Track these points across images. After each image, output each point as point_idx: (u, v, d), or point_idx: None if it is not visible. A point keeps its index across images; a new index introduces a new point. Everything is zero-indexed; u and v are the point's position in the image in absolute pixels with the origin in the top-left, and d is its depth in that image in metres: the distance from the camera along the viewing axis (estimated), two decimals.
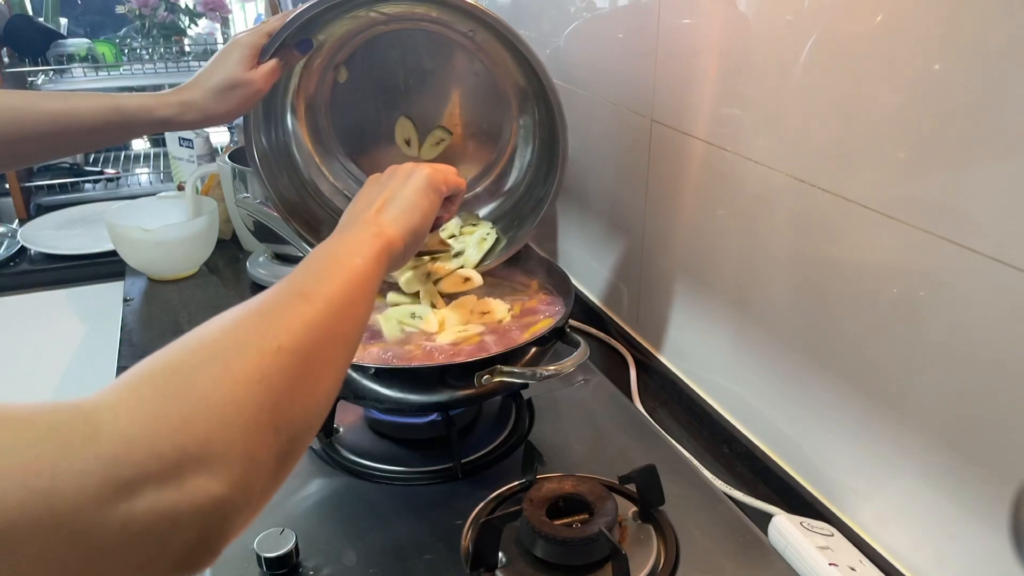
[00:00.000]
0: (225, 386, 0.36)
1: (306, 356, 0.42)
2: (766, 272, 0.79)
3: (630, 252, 1.06)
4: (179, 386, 0.35)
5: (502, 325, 0.83)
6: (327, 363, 0.45)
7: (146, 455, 0.32)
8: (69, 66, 1.71)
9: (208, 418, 0.35)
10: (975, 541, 0.60)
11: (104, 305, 1.42)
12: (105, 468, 0.31)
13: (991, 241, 0.55)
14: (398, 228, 0.59)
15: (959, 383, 0.59)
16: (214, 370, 0.37)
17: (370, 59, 0.91)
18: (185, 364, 0.37)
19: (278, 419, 0.39)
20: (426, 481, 0.79)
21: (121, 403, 0.33)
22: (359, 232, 0.57)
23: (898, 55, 0.60)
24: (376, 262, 0.54)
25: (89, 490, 0.30)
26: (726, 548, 0.70)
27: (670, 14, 0.88)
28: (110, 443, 0.31)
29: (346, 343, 0.48)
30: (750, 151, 0.78)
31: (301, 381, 0.41)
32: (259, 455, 0.37)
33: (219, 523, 0.34)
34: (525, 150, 0.94)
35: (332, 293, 0.47)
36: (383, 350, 0.79)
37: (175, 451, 0.33)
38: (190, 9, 1.84)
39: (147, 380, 0.35)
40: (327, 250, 0.53)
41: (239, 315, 0.42)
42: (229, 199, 1.33)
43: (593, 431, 0.88)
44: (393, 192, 0.62)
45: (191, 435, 0.34)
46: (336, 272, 0.49)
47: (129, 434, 0.32)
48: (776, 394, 0.81)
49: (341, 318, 0.47)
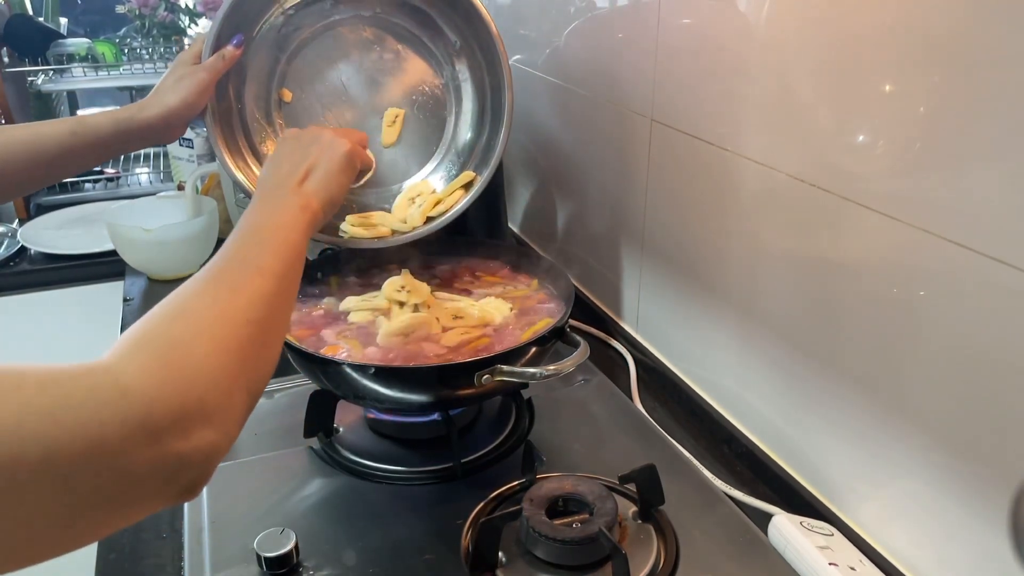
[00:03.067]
0: (214, 357, 0.46)
1: (266, 325, 0.52)
2: (766, 272, 0.79)
3: (630, 252, 1.06)
4: (180, 357, 0.44)
5: (502, 325, 0.83)
6: (278, 328, 0.55)
7: (162, 413, 0.41)
8: (69, 66, 1.71)
9: (204, 383, 0.44)
10: (975, 541, 0.60)
11: (104, 305, 1.42)
12: (137, 423, 0.39)
13: (991, 241, 0.55)
14: (320, 201, 0.66)
15: (959, 383, 0.59)
16: (204, 343, 0.46)
17: (305, 73, 0.92)
18: (183, 337, 0.45)
19: (248, 380, 0.48)
20: (426, 481, 0.79)
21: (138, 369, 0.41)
22: (289, 204, 0.63)
23: (898, 54, 0.60)
24: (306, 236, 0.62)
25: (128, 439, 0.39)
26: (726, 548, 0.70)
27: (670, 14, 0.88)
28: (138, 403, 0.40)
29: (288, 308, 0.58)
30: (750, 151, 0.78)
31: (262, 347, 0.51)
32: (236, 408, 0.47)
33: (212, 461, 0.44)
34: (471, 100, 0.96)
35: (279, 268, 0.55)
36: (383, 350, 0.79)
37: (182, 409, 0.42)
38: (190, 9, 1.84)
39: (154, 349, 0.43)
40: (265, 221, 0.60)
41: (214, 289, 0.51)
42: (229, 199, 1.34)
43: (593, 431, 0.88)
44: (316, 161, 0.68)
45: (192, 397, 0.43)
46: (279, 247, 0.57)
47: (149, 396, 0.40)
48: (776, 394, 0.81)
49: (285, 288, 0.56)
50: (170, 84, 0.81)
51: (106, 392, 0.39)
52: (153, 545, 0.74)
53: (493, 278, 0.95)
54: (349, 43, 0.93)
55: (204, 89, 0.81)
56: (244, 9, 0.85)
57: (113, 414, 0.38)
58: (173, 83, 0.81)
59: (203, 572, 0.68)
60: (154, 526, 0.76)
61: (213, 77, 0.82)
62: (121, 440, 0.38)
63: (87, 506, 0.38)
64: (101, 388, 0.39)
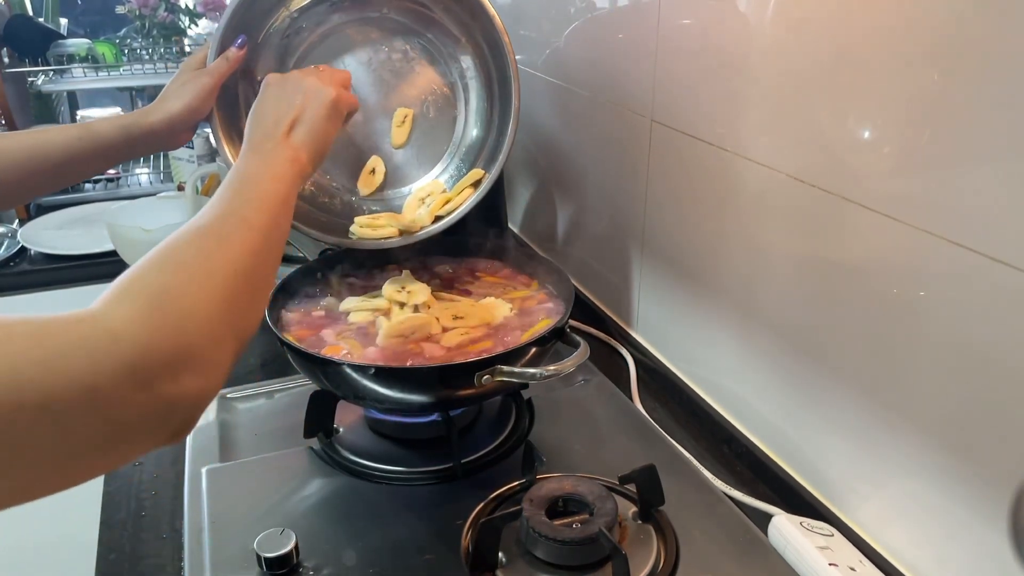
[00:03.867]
0: (203, 305, 0.47)
1: (253, 276, 0.53)
2: (765, 272, 0.79)
3: (630, 252, 1.06)
4: (171, 303, 0.45)
5: (502, 325, 0.83)
6: (264, 280, 0.57)
7: (154, 359, 0.42)
8: (69, 66, 1.71)
9: (193, 330, 0.46)
10: (975, 541, 0.60)
11: None
12: (127, 369, 0.41)
13: (991, 241, 0.55)
14: (308, 152, 0.67)
15: (959, 383, 0.59)
16: (194, 291, 0.47)
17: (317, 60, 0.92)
18: (173, 285, 0.47)
19: (236, 328, 0.50)
20: (426, 481, 0.79)
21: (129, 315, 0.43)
22: (277, 157, 0.64)
23: (899, 54, 0.60)
24: (293, 187, 0.63)
25: (119, 384, 0.40)
26: (726, 548, 0.70)
27: (670, 14, 0.88)
28: (129, 349, 0.41)
29: (276, 257, 0.59)
30: (750, 151, 0.78)
31: (249, 297, 0.53)
32: (224, 356, 0.49)
33: (199, 405, 0.46)
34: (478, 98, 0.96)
35: (266, 221, 0.57)
36: (384, 350, 0.79)
37: (172, 355, 0.44)
38: (190, 9, 1.84)
39: (145, 297, 0.45)
40: (253, 173, 0.61)
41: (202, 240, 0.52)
42: None
43: (593, 431, 0.88)
44: (301, 111, 0.68)
45: (182, 344, 0.45)
46: (267, 200, 0.59)
47: (140, 342, 0.42)
48: (776, 393, 0.81)
49: (272, 241, 0.58)
50: (174, 89, 0.81)
51: (98, 339, 0.40)
52: (153, 545, 0.74)
53: (493, 278, 0.95)
54: (356, 45, 0.93)
55: (208, 93, 0.81)
56: (249, 13, 0.85)
57: (105, 360, 0.40)
58: (177, 88, 0.81)
59: (203, 572, 0.68)
60: (154, 526, 0.76)
61: (217, 81, 0.82)
62: (114, 385, 0.40)
63: (83, 447, 0.39)
64: (93, 336, 0.40)
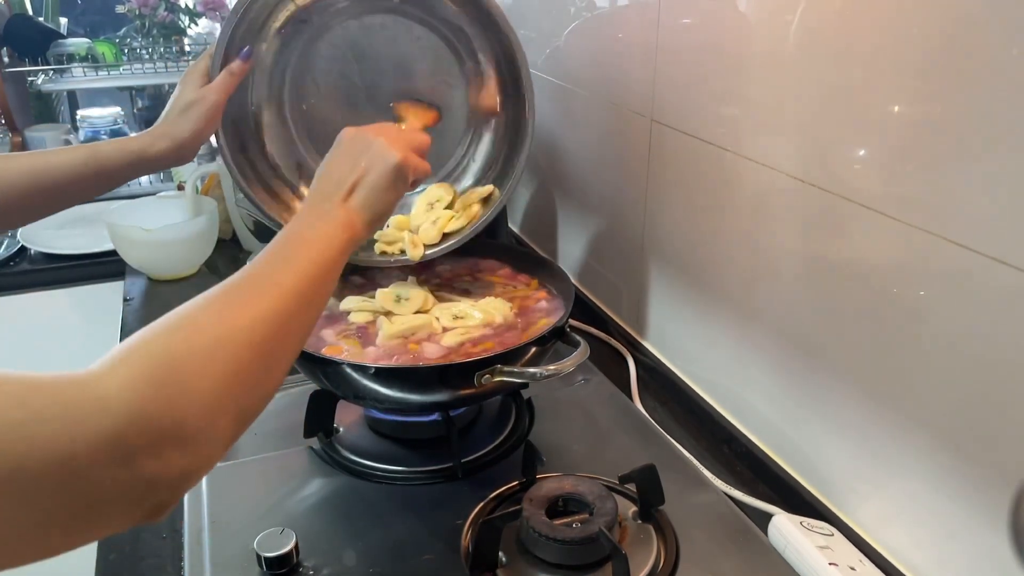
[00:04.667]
0: (206, 378, 0.43)
1: (271, 350, 0.49)
2: (766, 272, 0.79)
3: (630, 252, 1.06)
4: (171, 372, 0.42)
5: (502, 325, 0.83)
6: (285, 352, 0.51)
7: (139, 433, 0.39)
8: (69, 66, 1.71)
9: (189, 404, 0.42)
10: (975, 541, 0.60)
11: (104, 305, 1.42)
12: (110, 441, 0.38)
13: (991, 241, 0.55)
14: (364, 218, 0.63)
15: (959, 383, 0.59)
16: (198, 361, 0.43)
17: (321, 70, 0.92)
18: (178, 352, 0.43)
19: (242, 405, 0.46)
20: (426, 481, 0.79)
21: (123, 382, 0.40)
22: (330, 218, 0.61)
23: (899, 54, 0.60)
24: (342, 253, 0.59)
25: (98, 457, 0.38)
26: (726, 548, 0.70)
27: (670, 14, 0.88)
28: (114, 420, 0.38)
29: (305, 329, 0.54)
30: (750, 151, 0.78)
31: (262, 374, 0.48)
32: (221, 435, 0.44)
33: (182, 486, 0.43)
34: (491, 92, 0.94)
35: (301, 285, 0.52)
36: (384, 350, 0.79)
37: (160, 431, 0.40)
38: (190, 9, 1.84)
39: (145, 362, 0.41)
40: (299, 234, 0.58)
41: (223, 303, 0.48)
42: (229, 199, 1.34)
43: (593, 431, 0.88)
44: (364, 173, 0.64)
45: (174, 418, 0.41)
46: (308, 264, 0.55)
47: (129, 412, 0.39)
48: (776, 393, 0.81)
49: (306, 308, 0.53)
50: (180, 110, 0.79)
51: (84, 407, 0.38)
52: (153, 545, 0.74)
53: (493, 278, 0.95)
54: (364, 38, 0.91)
55: (215, 114, 0.80)
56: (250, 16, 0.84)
57: (86, 431, 0.37)
58: (183, 110, 0.79)
59: (203, 572, 0.68)
60: (154, 526, 0.76)
61: (223, 99, 0.80)
62: (90, 459, 0.37)
63: (52, 521, 0.37)
64: (80, 402, 0.38)
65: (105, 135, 1.92)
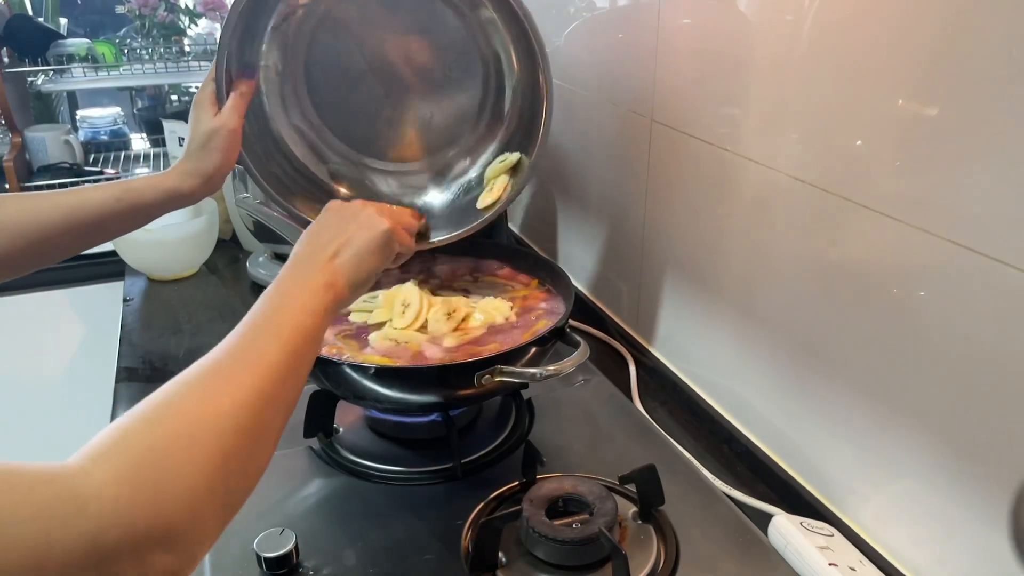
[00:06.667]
0: (193, 470, 0.41)
1: (258, 432, 0.46)
2: (766, 272, 0.79)
3: (630, 252, 1.06)
4: (152, 468, 0.40)
5: (502, 325, 0.83)
6: (271, 429, 0.48)
7: (120, 535, 0.37)
8: (69, 66, 1.71)
9: (173, 502, 0.40)
10: (975, 541, 0.60)
11: (104, 305, 1.42)
12: (88, 543, 0.36)
13: (991, 241, 0.55)
14: (347, 279, 0.61)
15: (959, 383, 0.59)
16: (184, 453, 0.41)
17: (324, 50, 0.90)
18: (159, 445, 0.41)
19: (228, 494, 0.43)
20: (426, 481, 0.79)
21: (103, 479, 0.38)
22: (313, 280, 0.59)
23: (898, 54, 0.60)
24: (324, 316, 0.57)
25: (74, 559, 0.36)
26: (726, 548, 0.70)
27: (670, 14, 0.88)
28: (93, 521, 0.36)
29: (291, 403, 0.51)
30: (750, 151, 0.78)
31: (251, 454, 0.46)
32: (209, 529, 0.42)
33: None
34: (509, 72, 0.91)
35: (286, 358, 0.50)
36: (385, 350, 0.79)
37: (143, 531, 0.38)
38: (190, 9, 1.84)
39: (125, 456, 0.39)
40: (280, 301, 0.55)
41: (205, 384, 0.46)
42: (229, 199, 1.33)
43: (593, 431, 0.88)
44: (350, 238, 0.64)
45: (159, 516, 0.39)
46: (290, 333, 0.52)
47: (108, 514, 0.37)
48: (776, 393, 0.81)
49: (292, 380, 0.51)
50: (200, 144, 0.78)
51: (62, 506, 0.36)
52: None
53: (493, 278, 0.95)
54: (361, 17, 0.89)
55: (235, 141, 0.79)
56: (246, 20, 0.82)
57: (63, 532, 0.35)
58: (203, 144, 0.78)
59: (203, 572, 0.68)
60: None
61: (240, 124, 0.79)
62: (65, 563, 0.35)
63: None
64: (58, 501, 0.36)
65: (105, 135, 1.93)
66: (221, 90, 0.80)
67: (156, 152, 1.91)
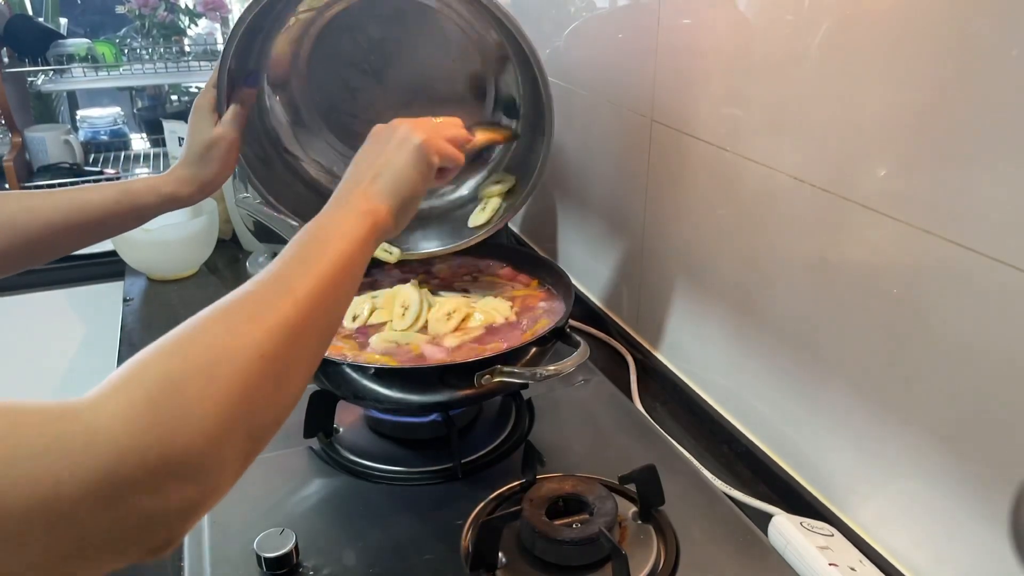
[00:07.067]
0: (210, 400, 0.39)
1: (286, 360, 0.44)
2: (766, 272, 0.79)
3: (630, 252, 1.06)
4: (169, 396, 0.38)
5: (502, 325, 0.83)
6: (304, 362, 0.47)
7: (134, 466, 0.35)
8: (69, 66, 1.71)
9: (191, 430, 0.38)
10: (975, 541, 0.60)
11: (104, 305, 1.42)
12: (99, 478, 0.34)
13: (991, 241, 0.55)
14: (390, 204, 0.59)
15: (959, 383, 0.59)
16: (202, 380, 0.39)
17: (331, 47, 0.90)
18: (176, 372, 0.39)
19: (252, 425, 0.41)
20: (426, 481, 0.79)
21: (116, 410, 0.36)
22: (350, 208, 0.57)
23: (898, 55, 0.60)
24: (364, 243, 0.54)
25: (86, 497, 0.34)
26: (726, 548, 0.70)
27: (670, 14, 0.88)
28: (105, 453, 0.35)
29: (326, 335, 0.50)
30: (750, 151, 0.78)
31: (278, 385, 0.43)
32: (231, 460, 0.40)
33: (185, 523, 0.39)
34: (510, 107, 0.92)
35: (316, 286, 0.48)
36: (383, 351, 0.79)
37: (159, 461, 0.36)
38: (190, 9, 1.84)
39: (141, 386, 0.38)
40: (317, 231, 0.53)
41: (231, 316, 0.44)
42: (229, 199, 1.33)
43: (593, 431, 0.88)
44: (387, 161, 0.61)
45: (175, 446, 0.37)
46: (323, 259, 0.50)
47: (121, 445, 0.35)
48: (776, 394, 0.81)
49: (324, 310, 0.48)
50: (199, 153, 0.78)
51: (71, 441, 0.34)
52: None
53: (493, 278, 0.95)
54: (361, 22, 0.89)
55: (234, 151, 0.79)
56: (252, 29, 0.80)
57: (73, 468, 0.34)
58: (203, 153, 0.78)
59: (203, 572, 0.68)
60: None
61: (239, 135, 0.79)
62: (76, 499, 0.34)
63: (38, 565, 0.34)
64: (67, 436, 0.34)
65: (105, 135, 1.93)
66: (222, 98, 0.79)
67: (156, 152, 1.91)
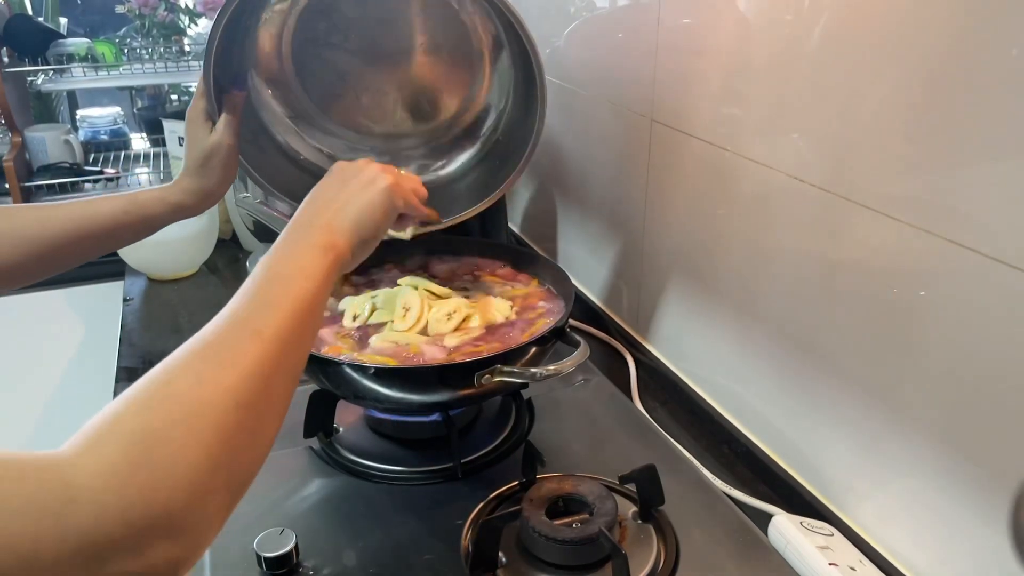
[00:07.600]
0: (190, 452, 0.38)
1: (260, 407, 0.43)
2: (766, 272, 0.79)
3: (630, 252, 1.06)
4: (146, 452, 0.37)
5: (502, 325, 0.83)
6: (278, 403, 0.46)
7: (115, 525, 0.35)
8: (69, 66, 1.71)
9: (172, 486, 0.37)
10: (975, 541, 0.60)
11: (104, 305, 1.42)
12: (79, 537, 0.33)
13: (991, 241, 0.55)
14: (348, 239, 0.58)
15: (959, 383, 0.59)
16: (179, 434, 0.38)
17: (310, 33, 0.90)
18: (151, 427, 0.38)
19: (231, 477, 0.41)
20: (426, 481, 0.79)
21: (96, 467, 0.35)
22: (311, 243, 0.56)
23: (898, 55, 0.60)
24: (326, 281, 0.54)
25: (65, 556, 0.33)
26: (726, 548, 0.70)
27: (670, 14, 0.88)
28: (85, 512, 0.34)
29: (293, 373, 0.49)
30: (750, 151, 0.78)
31: (252, 435, 0.43)
32: (212, 515, 0.39)
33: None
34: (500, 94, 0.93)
35: (284, 329, 0.47)
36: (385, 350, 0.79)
37: (141, 520, 0.35)
38: (190, 9, 1.84)
39: (118, 443, 0.37)
40: (279, 267, 0.52)
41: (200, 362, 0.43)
42: (229, 199, 1.33)
43: (593, 431, 0.88)
44: (350, 197, 0.61)
45: (156, 503, 0.36)
46: (289, 302, 0.49)
47: (101, 503, 0.34)
48: (776, 393, 0.81)
49: (292, 348, 0.47)
50: (199, 163, 0.78)
51: (51, 498, 0.33)
52: None
53: (493, 278, 0.95)
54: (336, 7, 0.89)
55: (234, 156, 0.79)
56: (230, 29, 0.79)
57: (52, 527, 0.33)
58: (202, 163, 0.78)
59: (203, 572, 0.68)
60: None
61: (236, 140, 0.79)
62: (57, 559, 0.33)
63: None
64: (47, 492, 0.33)
65: (105, 135, 1.93)
66: (212, 105, 0.78)
67: (156, 152, 1.91)
